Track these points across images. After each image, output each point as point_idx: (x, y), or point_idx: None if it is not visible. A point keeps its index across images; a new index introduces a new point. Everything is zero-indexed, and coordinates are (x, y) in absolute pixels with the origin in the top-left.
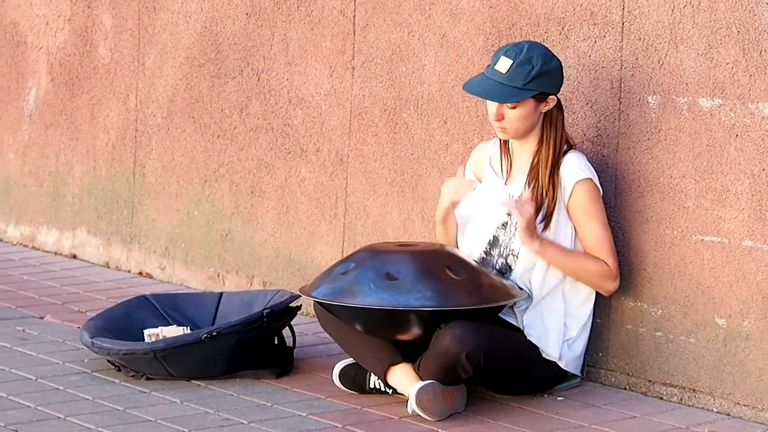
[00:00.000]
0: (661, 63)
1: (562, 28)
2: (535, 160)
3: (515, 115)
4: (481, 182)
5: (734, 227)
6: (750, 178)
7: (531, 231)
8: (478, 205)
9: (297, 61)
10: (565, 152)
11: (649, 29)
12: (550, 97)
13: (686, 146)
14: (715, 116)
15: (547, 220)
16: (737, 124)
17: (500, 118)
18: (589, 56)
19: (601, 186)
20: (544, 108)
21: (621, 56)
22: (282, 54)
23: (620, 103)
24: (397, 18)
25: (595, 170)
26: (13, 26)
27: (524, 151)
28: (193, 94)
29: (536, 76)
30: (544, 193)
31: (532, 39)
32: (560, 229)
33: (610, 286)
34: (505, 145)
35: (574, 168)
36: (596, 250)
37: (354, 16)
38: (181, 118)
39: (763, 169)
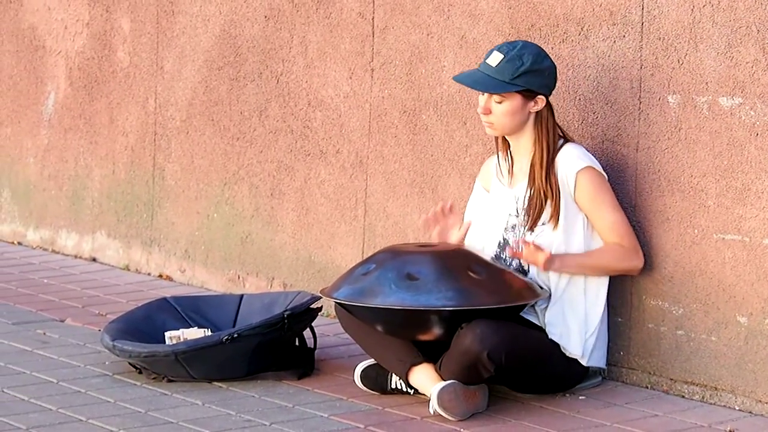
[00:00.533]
0: (680, 62)
1: (582, 29)
2: (532, 161)
3: (501, 110)
4: (488, 191)
5: (755, 225)
6: None
7: (547, 264)
8: (487, 210)
9: (316, 63)
10: (561, 146)
11: (668, 29)
12: (539, 97)
13: (706, 145)
14: (735, 115)
15: (554, 218)
16: (758, 123)
17: (487, 112)
18: (609, 56)
19: (621, 185)
20: (533, 108)
21: (641, 56)
22: (301, 56)
23: (640, 102)
24: (416, 19)
25: (615, 170)
26: (32, 30)
27: (522, 153)
28: (212, 96)
29: (525, 72)
30: (543, 193)
31: (551, 40)
32: (570, 224)
33: (636, 262)
34: (505, 150)
35: (573, 158)
36: (611, 235)
37: (373, 18)
38: (200, 120)
39: None
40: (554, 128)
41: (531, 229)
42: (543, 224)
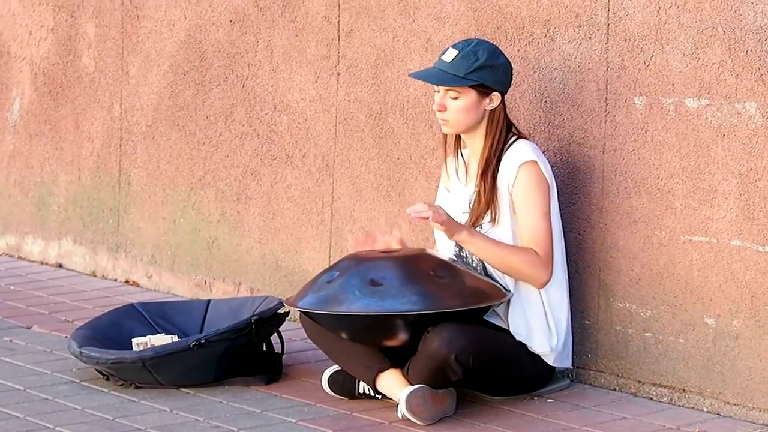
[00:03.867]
0: (647, 64)
1: (548, 31)
2: (482, 158)
3: (456, 107)
4: (449, 191)
5: (722, 227)
6: (737, 178)
7: (451, 228)
8: (447, 210)
9: (282, 67)
10: (513, 143)
11: (634, 30)
12: (494, 94)
13: (673, 147)
14: (702, 116)
15: (492, 214)
16: (724, 124)
17: (442, 108)
18: (575, 58)
19: (588, 187)
20: (488, 105)
21: (607, 57)
22: (266, 60)
23: (606, 104)
24: (381, 23)
25: (582, 172)
26: None
27: (475, 151)
28: (177, 101)
29: (479, 68)
30: (486, 188)
31: (517, 42)
32: (508, 223)
33: (541, 274)
34: (457, 149)
35: (519, 153)
36: (529, 238)
37: (338, 22)
38: (165, 126)
39: (751, 169)
40: (504, 126)
41: (473, 225)
42: (485, 222)
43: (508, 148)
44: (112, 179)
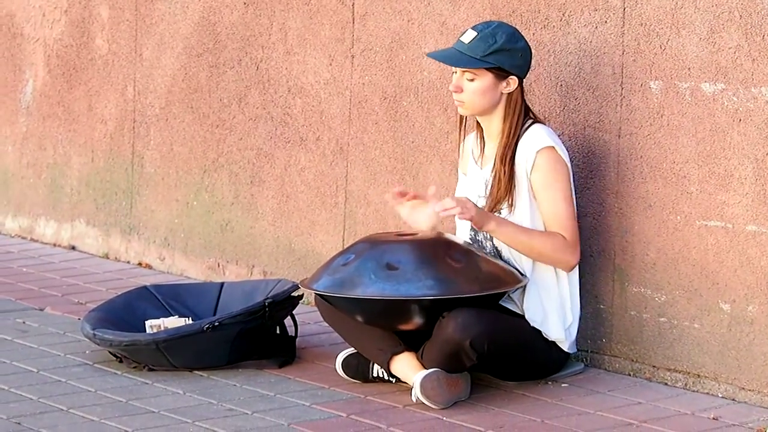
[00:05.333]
0: (663, 48)
1: (563, 14)
2: (501, 142)
3: (473, 88)
4: (466, 174)
5: (738, 212)
6: (753, 163)
7: (480, 221)
8: (463, 193)
9: (296, 50)
10: (529, 127)
11: (650, 14)
12: (512, 77)
13: (689, 131)
14: (718, 101)
15: (509, 200)
16: (740, 109)
17: (458, 89)
18: (591, 42)
19: (603, 172)
20: (505, 89)
21: (623, 41)
22: (281, 43)
23: (622, 88)
24: (396, 6)
25: (597, 156)
26: (10, 18)
27: (491, 135)
28: (191, 84)
29: (496, 50)
30: (506, 173)
31: (532, 26)
32: (526, 208)
33: (570, 257)
34: (479, 132)
35: (536, 138)
36: (554, 223)
37: (353, 5)
38: (179, 108)
39: (767, 154)
40: (522, 111)
41: (492, 211)
42: (503, 207)
43: (524, 133)
44: (125, 161)
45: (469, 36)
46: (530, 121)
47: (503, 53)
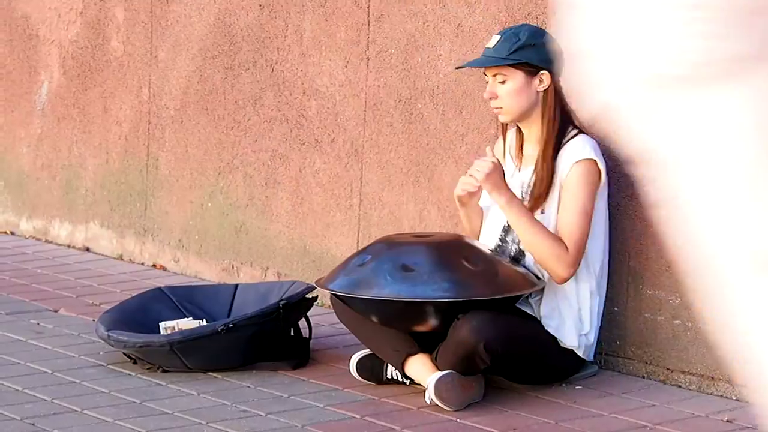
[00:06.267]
0: None
1: None
2: (542, 143)
3: (506, 91)
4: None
5: None
6: None
7: (494, 184)
8: (488, 200)
9: (311, 52)
10: (574, 136)
11: None
12: (543, 73)
13: None
14: None
15: (538, 201)
16: None
17: (494, 95)
18: None
19: (618, 174)
20: (539, 87)
21: None
22: (296, 45)
23: None
24: (411, 8)
25: (612, 159)
26: (25, 19)
27: (531, 138)
28: (206, 86)
29: (520, 47)
30: (541, 175)
31: (548, 28)
32: (554, 214)
33: (562, 270)
34: (519, 131)
35: (577, 149)
36: (563, 231)
37: (368, 7)
38: (194, 110)
39: None
40: (560, 112)
41: (531, 210)
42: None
43: (567, 142)
44: (140, 163)
45: (494, 41)
46: (575, 131)
47: (529, 49)
